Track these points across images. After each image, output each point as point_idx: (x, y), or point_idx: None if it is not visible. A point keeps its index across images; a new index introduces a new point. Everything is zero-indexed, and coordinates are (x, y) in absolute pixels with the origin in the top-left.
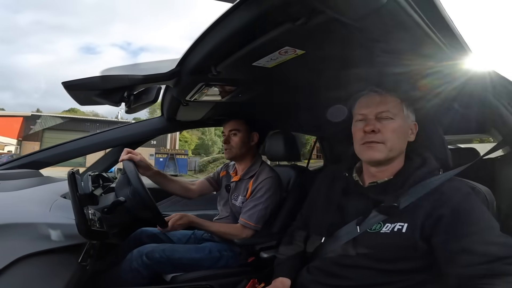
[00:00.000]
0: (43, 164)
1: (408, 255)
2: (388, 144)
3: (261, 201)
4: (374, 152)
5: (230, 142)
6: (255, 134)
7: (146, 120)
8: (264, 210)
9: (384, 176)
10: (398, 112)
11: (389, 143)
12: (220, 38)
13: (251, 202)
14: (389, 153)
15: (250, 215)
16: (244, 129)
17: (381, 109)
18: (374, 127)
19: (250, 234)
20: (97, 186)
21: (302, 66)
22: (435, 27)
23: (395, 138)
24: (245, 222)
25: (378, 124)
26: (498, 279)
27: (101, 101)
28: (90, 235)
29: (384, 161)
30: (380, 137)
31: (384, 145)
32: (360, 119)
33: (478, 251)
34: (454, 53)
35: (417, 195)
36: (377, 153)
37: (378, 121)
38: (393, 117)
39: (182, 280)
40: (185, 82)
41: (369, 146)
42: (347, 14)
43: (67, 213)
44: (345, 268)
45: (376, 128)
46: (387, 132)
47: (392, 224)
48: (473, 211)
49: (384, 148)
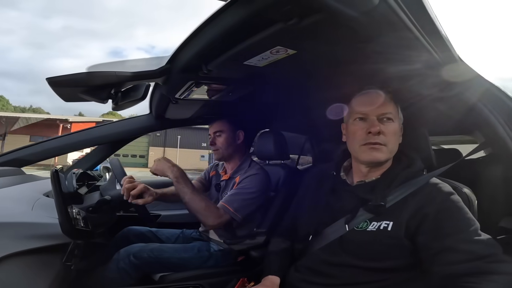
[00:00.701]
0: (25, 162)
1: (394, 253)
2: (389, 146)
3: (245, 191)
4: (378, 154)
5: (216, 143)
6: (240, 132)
7: (133, 118)
8: (247, 200)
9: (374, 175)
10: (396, 114)
11: (390, 145)
12: (212, 36)
13: (235, 190)
14: (390, 155)
15: (231, 200)
16: (228, 129)
17: (383, 111)
18: (378, 128)
19: (225, 220)
20: (81, 184)
21: (293, 66)
22: (424, 31)
23: (394, 141)
24: (223, 206)
25: (381, 125)
26: (479, 277)
27: (87, 98)
28: (74, 234)
29: (383, 162)
30: (383, 139)
31: (386, 147)
32: (360, 118)
33: (460, 250)
34: (441, 56)
35: (403, 194)
36: (380, 155)
37: (381, 122)
38: (393, 119)
39: (171, 279)
40: (175, 80)
41: (372, 148)
42: (339, 15)
43: (50, 212)
44: (333, 266)
45: (381, 130)
46: (389, 134)
47: (378, 222)
48: (456, 211)
49: (386, 150)
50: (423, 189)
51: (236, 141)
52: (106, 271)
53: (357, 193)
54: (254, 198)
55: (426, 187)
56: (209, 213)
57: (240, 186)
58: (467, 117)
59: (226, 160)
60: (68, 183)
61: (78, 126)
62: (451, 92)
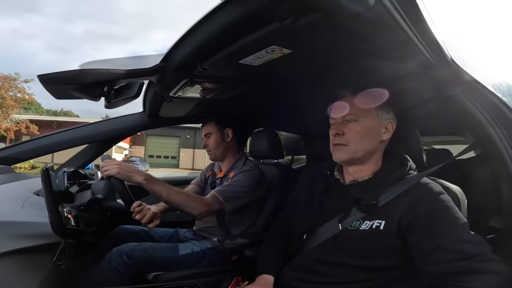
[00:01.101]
0: (15, 160)
1: (387, 252)
2: (352, 146)
3: (237, 184)
4: (339, 153)
5: (208, 145)
6: (229, 130)
7: (126, 116)
8: (238, 193)
9: (363, 175)
10: (364, 113)
11: (352, 144)
12: (207, 35)
13: (227, 183)
14: (354, 154)
15: (221, 190)
16: (216, 130)
17: (346, 113)
18: (338, 130)
19: (214, 209)
20: (73, 183)
21: (289, 65)
22: (418, 32)
23: (358, 140)
24: (213, 195)
25: (344, 127)
26: (470, 276)
27: (79, 95)
28: (65, 233)
29: (350, 161)
30: (344, 139)
31: (348, 146)
32: (332, 123)
33: (450, 249)
34: (434, 57)
35: (395, 193)
36: (342, 154)
37: (345, 124)
38: (358, 119)
39: (164, 279)
40: (169, 78)
41: (335, 148)
42: (335, 15)
43: (40, 211)
44: (327, 265)
45: (341, 131)
46: (350, 134)
47: (371, 221)
48: (446, 211)
49: (348, 149)
50: (414, 188)
51: (225, 139)
52: (98, 271)
53: (350, 192)
54: (246, 192)
55: (417, 187)
56: (193, 203)
57: (233, 180)
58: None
59: (220, 159)
60: (59, 182)
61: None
62: (443, 93)
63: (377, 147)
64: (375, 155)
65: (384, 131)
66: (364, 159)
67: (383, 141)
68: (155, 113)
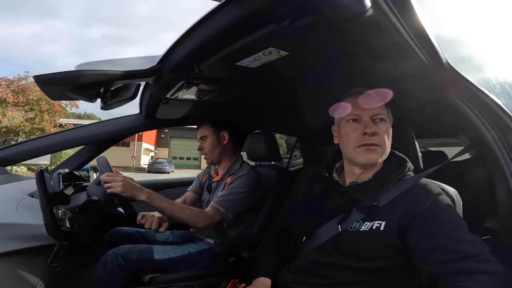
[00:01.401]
0: (9, 161)
1: (387, 253)
2: (383, 147)
3: (236, 191)
4: (373, 155)
5: (203, 148)
6: (225, 132)
7: (122, 117)
8: (237, 200)
9: (365, 176)
10: (387, 114)
11: (384, 146)
12: (204, 37)
13: (226, 191)
14: (384, 156)
15: (221, 201)
16: (211, 133)
17: (376, 111)
18: (373, 129)
19: (217, 219)
20: (68, 185)
21: (286, 67)
22: (414, 34)
23: (388, 141)
24: (214, 206)
25: (375, 126)
26: (467, 276)
27: (75, 96)
28: (60, 235)
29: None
30: (378, 140)
31: (381, 148)
32: (354, 119)
33: (448, 250)
34: (429, 59)
35: (394, 194)
36: (376, 156)
37: (374, 123)
38: (386, 120)
39: (161, 281)
40: (166, 79)
41: (368, 149)
42: (332, 17)
43: (34, 213)
44: (326, 267)
45: (375, 130)
46: (383, 135)
47: (371, 222)
48: (444, 211)
49: (381, 150)
50: (412, 189)
51: (221, 142)
52: (93, 273)
53: (350, 194)
54: (245, 198)
55: (415, 188)
56: (195, 218)
57: (231, 186)
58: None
59: (216, 162)
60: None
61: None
62: (438, 95)
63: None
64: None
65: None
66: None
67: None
68: (151, 114)
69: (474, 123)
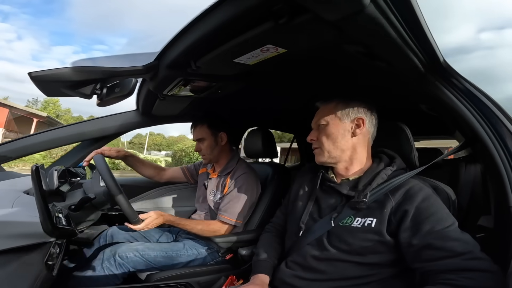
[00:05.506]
0: (4, 158)
1: (379, 249)
2: (324, 148)
3: (238, 196)
4: (317, 156)
5: (201, 149)
6: (222, 134)
7: (119, 114)
8: (241, 205)
9: (354, 173)
10: (329, 118)
11: (324, 147)
12: (201, 33)
13: (228, 197)
14: (329, 155)
15: (229, 211)
16: (209, 134)
17: (316, 119)
18: (312, 136)
19: (229, 230)
20: (64, 182)
21: (283, 64)
22: (412, 33)
23: (329, 142)
24: (224, 218)
25: (317, 132)
26: (458, 274)
27: (71, 93)
28: (56, 233)
29: (330, 161)
30: (317, 143)
31: (321, 149)
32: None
33: (439, 247)
34: (426, 57)
35: (384, 191)
36: (319, 157)
37: (318, 129)
38: (326, 124)
39: (158, 278)
40: (163, 76)
41: (314, 152)
42: (330, 14)
43: (30, 211)
44: (321, 261)
45: (314, 136)
46: (322, 138)
47: (363, 218)
48: (435, 209)
49: (322, 151)
50: (403, 187)
51: (219, 143)
52: (90, 271)
53: (342, 190)
54: (246, 200)
55: (406, 185)
56: (210, 230)
57: (232, 192)
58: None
59: (214, 161)
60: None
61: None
62: (435, 94)
63: (353, 144)
64: (358, 152)
65: (355, 127)
66: (344, 157)
67: (356, 136)
68: (148, 111)
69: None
